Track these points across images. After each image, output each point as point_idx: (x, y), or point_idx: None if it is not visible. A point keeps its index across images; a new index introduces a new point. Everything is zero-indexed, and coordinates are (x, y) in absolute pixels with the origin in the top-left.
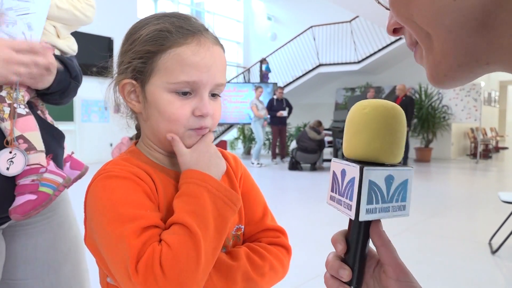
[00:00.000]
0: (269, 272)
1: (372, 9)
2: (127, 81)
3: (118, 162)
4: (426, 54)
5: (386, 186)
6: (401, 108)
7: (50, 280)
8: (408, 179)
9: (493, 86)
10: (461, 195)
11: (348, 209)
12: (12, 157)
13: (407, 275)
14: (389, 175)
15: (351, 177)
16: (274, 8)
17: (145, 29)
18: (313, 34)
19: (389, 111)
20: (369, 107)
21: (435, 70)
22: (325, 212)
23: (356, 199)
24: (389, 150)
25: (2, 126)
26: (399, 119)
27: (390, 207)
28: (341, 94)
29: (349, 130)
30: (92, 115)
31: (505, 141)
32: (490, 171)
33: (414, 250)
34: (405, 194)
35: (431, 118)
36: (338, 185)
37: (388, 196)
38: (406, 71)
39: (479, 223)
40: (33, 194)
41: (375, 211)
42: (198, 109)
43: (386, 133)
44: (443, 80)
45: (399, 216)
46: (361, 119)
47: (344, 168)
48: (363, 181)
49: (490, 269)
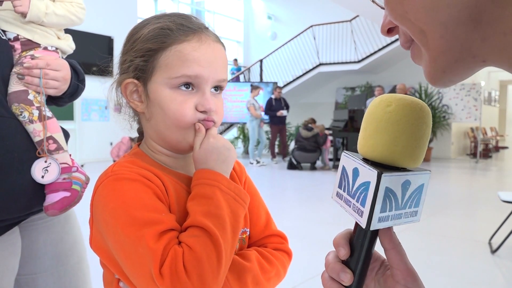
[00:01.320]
0: (274, 277)
1: (372, 8)
2: (129, 81)
3: (125, 164)
4: (422, 52)
5: (402, 192)
6: None
7: (58, 273)
8: (424, 184)
9: (493, 86)
10: (461, 195)
11: (359, 215)
12: (47, 166)
13: (416, 280)
14: (407, 180)
15: (365, 181)
16: (274, 7)
17: (146, 28)
18: (313, 34)
19: (417, 112)
20: (395, 104)
21: (433, 67)
22: (324, 211)
23: (370, 207)
24: (412, 155)
25: (30, 127)
26: (427, 122)
27: (403, 214)
28: (341, 93)
29: (368, 127)
30: (92, 114)
31: (505, 140)
32: (490, 171)
33: (414, 249)
34: (419, 199)
35: (431, 117)
36: (348, 183)
37: (402, 203)
38: (406, 71)
39: (479, 223)
40: (67, 191)
41: (387, 219)
42: (200, 104)
43: (411, 137)
44: (441, 77)
45: (409, 223)
46: (383, 116)
47: (357, 167)
48: (379, 189)
49: (490, 268)
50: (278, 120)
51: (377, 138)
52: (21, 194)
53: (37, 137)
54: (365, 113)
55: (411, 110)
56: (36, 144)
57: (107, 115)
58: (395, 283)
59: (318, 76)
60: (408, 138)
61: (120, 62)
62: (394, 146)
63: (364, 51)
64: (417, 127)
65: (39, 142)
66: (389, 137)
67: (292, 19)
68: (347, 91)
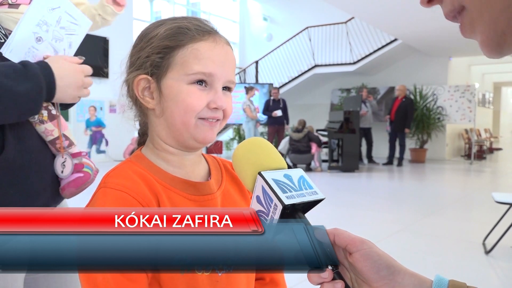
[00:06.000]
0: None
1: (368, 10)
2: (143, 77)
3: (120, 173)
4: (475, 18)
5: (289, 180)
6: (401, 110)
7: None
8: (302, 175)
9: (487, 88)
10: (456, 196)
11: (275, 204)
12: (64, 161)
13: (364, 242)
14: (285, 174)
15: (261, 187)
16: (270, 9)
17: (161, 28)
18: (309, 35)
19: (251, 143)
20: (240, 146)
21: (493, 30)
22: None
23: (272, 191)
24: (268, 162)
25: (42, 128)
26: (257, 144)
27: (304, 193)
28: (337, 95)
29: (244, 162)
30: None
31: (499, 142)
32: (484, 172)
33: (408, 250)
34: (308, 183)
35: (426, 119)
36: (264, 199)
37: (297, 186)
38: (401, 72)
39: (473, 224)
40: (80, 173)
41: (293, 197)
42: (213, 101)
43: (253, 155)
44: (502, 42)
45: (316, 198)
46: (242, 156)
47: (258, 194)
48: (267, 180)
49: (484, 269)
50: (274, 121)
51: (247, 165)
52: (39, 194)
53: (49, 137)
54: (238, 157)
55: (246, 144)
56: (49, 143)
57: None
58: (353, 258)
59: (313, 78)
60: (256, 156)
61: (131, 60)
62: (254, 162)
63: (359, 53)
64: (255, 149)
65: (52, 141)
66: (248, 160)
67: (287, 20)
68: (343, 93)
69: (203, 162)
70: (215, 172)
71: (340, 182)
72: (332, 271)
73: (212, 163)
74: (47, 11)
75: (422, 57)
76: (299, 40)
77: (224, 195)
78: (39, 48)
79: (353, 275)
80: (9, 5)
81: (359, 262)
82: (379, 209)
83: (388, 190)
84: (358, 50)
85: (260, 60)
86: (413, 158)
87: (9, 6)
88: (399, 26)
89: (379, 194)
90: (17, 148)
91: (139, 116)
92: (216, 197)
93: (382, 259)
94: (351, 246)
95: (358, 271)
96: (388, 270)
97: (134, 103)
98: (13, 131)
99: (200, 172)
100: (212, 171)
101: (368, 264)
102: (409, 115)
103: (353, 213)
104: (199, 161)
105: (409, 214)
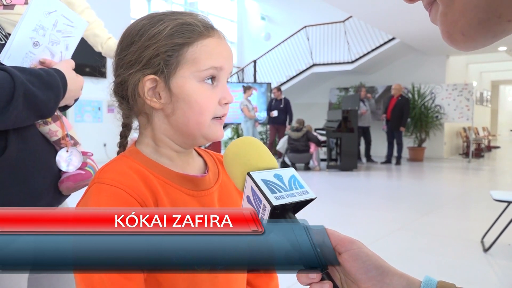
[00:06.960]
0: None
1: (366, 9)
2: (150, 77)
3: (114, 168)
4: (443, 11)
5: (279, 180)
6: (397, 109)
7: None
8: (293, 174)
9: (485, 86)
10: (454, 194)
11: (264, 205)
12: (69, 155)
13: (353, 242)
14: (276, 174)
15: (251, 188)
16: (268, 8)
17: (163, 25)
18: (307, 34)
19: (242, 142)
20: (231, 145)
21: (452, 28)
22: (320, 211)
23: (261, 192)
24: (255, 162)
25: (46, 129)
26: (249, 143)
27: (295, 193)
28: (335, 94)
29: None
30: (86, 115)
31: (497, 140)
32: (482, 170)
33: (407, 248)
34: (299, 183)
35: (424, 117)
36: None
37: (287, 186)
38: (399, 71)
39: (472, 222)
40: (82, 170)
41: (282, 197)
42: (223, 97)
43: (243, 155)
44: (460, 40)
45: (307, 198)
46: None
47: (247, 194)
48: (256, 180)
49: (482, 267)
50: (274, 120)
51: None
52: (42, 194)
53: (54, 137)
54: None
55: (237, 144)
56: (54, 143)
57: (101, 116)
58: (342, 258)
59: (311, 77)
60: (246, 156)
61: (129, 59)
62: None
63: (357, 52)
64: (245, 149)
65: (57, 141)
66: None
67: (285, 20)
68: (341, 92)
69: (197, 156)
70: (211, 166)
71: (339, 181)
72: (321, 272)
73: (207, 156)
74: (43, 15)
75: (420, 55)
76: (297, 39)
77: (222, 188)
78: (36, 53)
79: (343, 275)
80: (3, 6)
81: (347, 262)
82: (377, 207)
83: (386, 188)
84: (356, 49)
85: (258, 60)
86: (411, 157)
87: (3, 7)
88: (397, 25)
89: (377, 193)
90: (20, 148)
91: (134, 116)
92: (213, 192)
93: (371, 260)
94: (340, 246)
95: (347, 272)
96: (377, 270)
97: (133, 103)
98: (16, 131)
99: (196, 165)
100: (209, 164)
101: (356, 265)
102: (404, 114)
103: (351, 212)
104: (194, 155)
105: (408, 213)
